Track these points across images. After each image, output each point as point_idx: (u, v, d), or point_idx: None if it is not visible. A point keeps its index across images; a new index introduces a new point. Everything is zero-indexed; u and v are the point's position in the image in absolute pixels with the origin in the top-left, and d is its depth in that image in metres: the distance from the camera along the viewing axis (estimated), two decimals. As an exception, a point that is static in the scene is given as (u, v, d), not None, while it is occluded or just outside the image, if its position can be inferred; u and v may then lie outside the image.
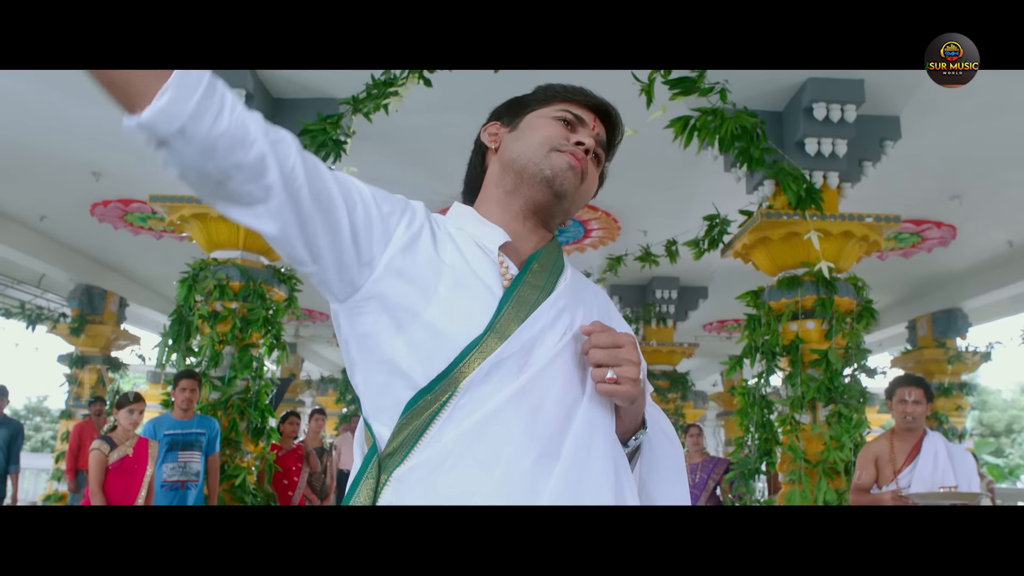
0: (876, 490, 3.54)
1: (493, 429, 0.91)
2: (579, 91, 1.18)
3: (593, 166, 1.16)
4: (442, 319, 0.95)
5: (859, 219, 5.44)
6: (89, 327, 10.42)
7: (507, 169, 1.13)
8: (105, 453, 4.00)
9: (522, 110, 1.18)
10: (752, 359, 5.72)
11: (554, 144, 1.10)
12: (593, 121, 1.16)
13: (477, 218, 1.12)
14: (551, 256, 1.11)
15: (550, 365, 0.97)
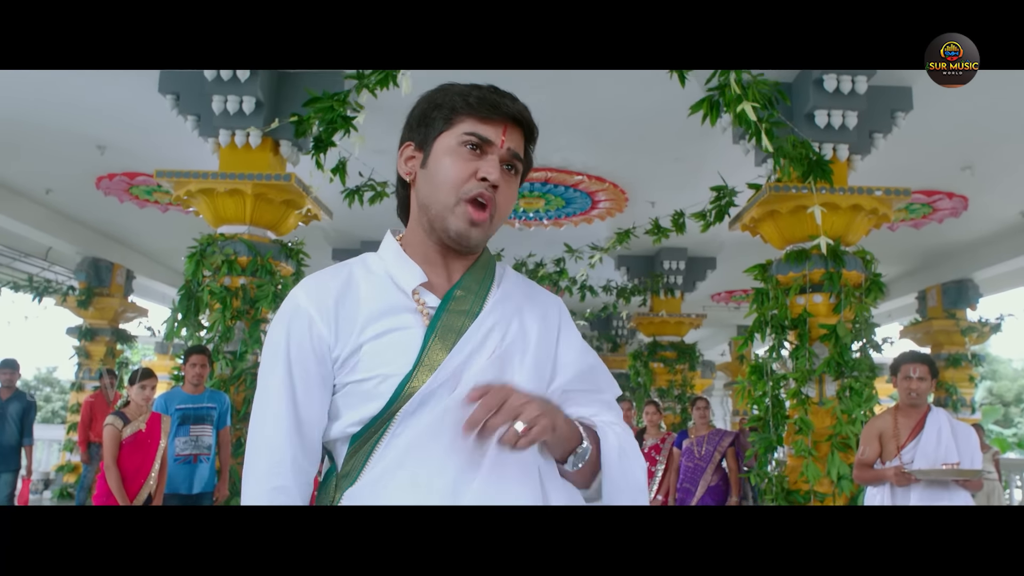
0: (880, 465, 3.61)
1: (420, 450, 1.05)
2: (482, 104, 1.14)
3: (509, 178, 1.17)
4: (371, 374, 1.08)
5: (868, 192, 5.44)
6: (97, 299, 10.54)
7: (422, 211, 1.18)
8: (119, 428, 4.11)
9: (430, 132, 1.17)
10: (762, 334, 5.76)
11: (459, 192, 1.12)
12: (502, 134, 1.14)
13: (397, 255, 1.19)
14: (476, 278, 1.18)
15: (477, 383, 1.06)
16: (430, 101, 1.19)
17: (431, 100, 1.19)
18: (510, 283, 1.23)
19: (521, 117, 1.16)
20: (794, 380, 5.52)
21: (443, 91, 1.19)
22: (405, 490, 1.03)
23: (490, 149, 1.14)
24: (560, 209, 8.95)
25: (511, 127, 1.16)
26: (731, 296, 13.97)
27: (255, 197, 5.64)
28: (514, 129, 1.16)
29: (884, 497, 3.56)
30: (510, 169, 1.17)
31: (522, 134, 1.18)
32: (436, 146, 1.16)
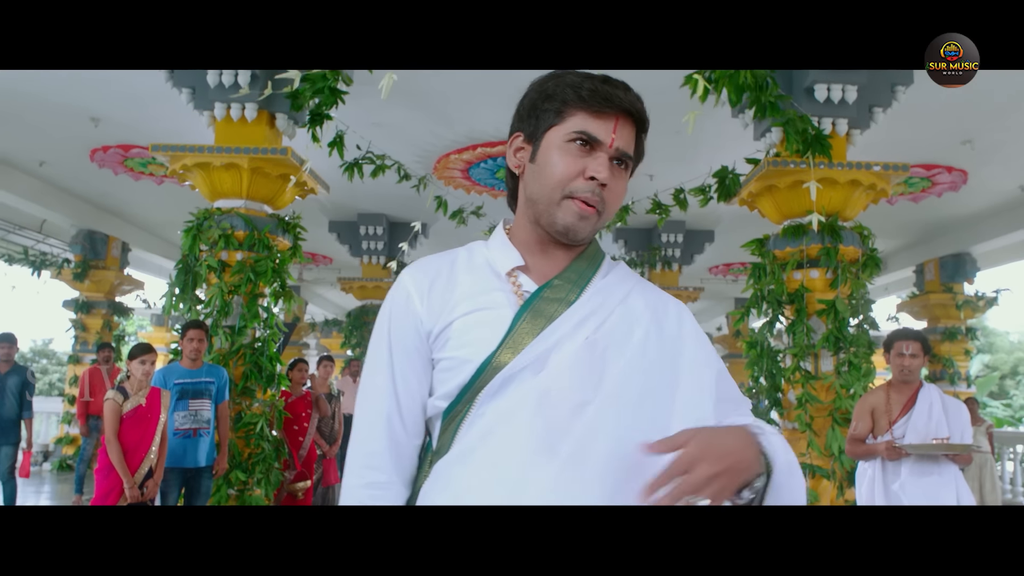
0: (872, 440, 3.69)
1: (500, 429, 1.07)
2: (594, 97, 1.12)
3: (618, 173, 1.16)
4: (458, 350, 1.12)
5: (866, 167, 5.46)
6: (93, 272, 10.56)
7: (529, 204, 1.19)
8: (119, 403, 4.16)
9: (539, 125, 1.17)
10: (759, 309, 5.82)
11: (566, 189, 1.12)
12: (612, 131, 1.13)
13: (501, 242, 1.22)
14: (579, 268, 1.19)
15: (563, 372, 1.08)
16: (541, 91, 1.18)
17: (542, 90, 1.18)
18: (617, 277, 1.22)
19: (633, 109, 1.14)
20: (792, 356, 5.59)
21: (555, 81, 1.17)
22: (482, 468, 1.07)
23: (599, 147, 1.13)
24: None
25: (622, 121, 1.14)
26: (729, 269, 14.02)
27: (251, 171, 5.64)
28: (626, 122, 1.14)
29: (875, 471, 3.64)
30: (620, 164, 1.16)
31: (634, 127, 1.16)
32: (545, 140, 1.16)
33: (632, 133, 1.16)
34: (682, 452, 0.92)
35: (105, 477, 4.13)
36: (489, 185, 9.01)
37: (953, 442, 3.45)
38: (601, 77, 1.15)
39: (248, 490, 5.47)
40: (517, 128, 1.22)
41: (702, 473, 0.90)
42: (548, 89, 1.16)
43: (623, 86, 1.15)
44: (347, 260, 12.22)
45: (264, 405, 5.72)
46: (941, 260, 10.66)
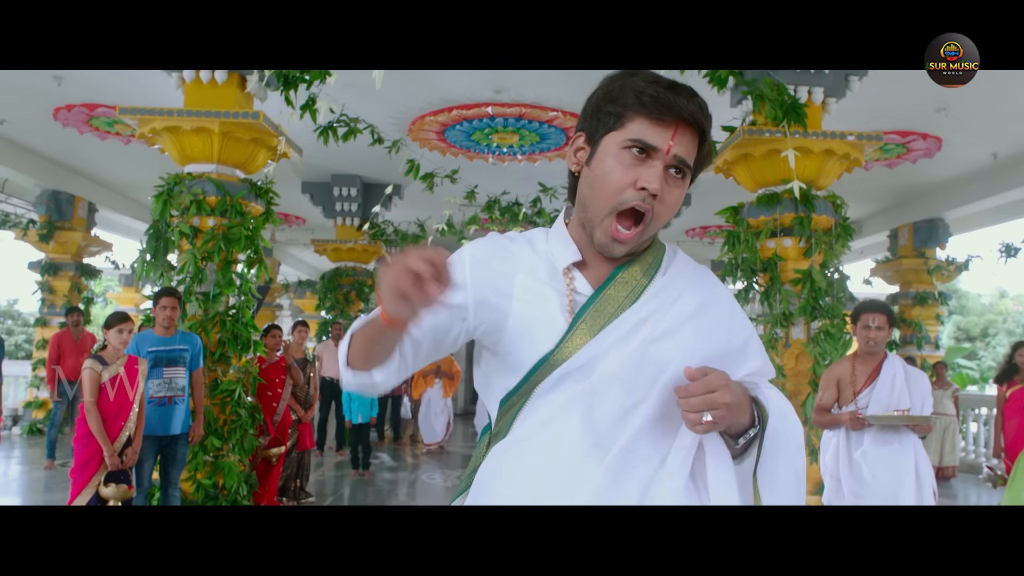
0: (837, 410, 3.84)
1: (556, 423, 1.16)
2: (655, 103, 1.13)
3: (674, 182, 1.16)
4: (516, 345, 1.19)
5: (841, 137, 5.56)
6: (59, 234, 10.44)
7: (581, 207, 1.23)
8: (98, 372, 4.20)
9: (599, 128, 1.18)
10: (733, 276, 5.94)
11: (616, 201, 1.15)
12: (670, 139, 1.13)
13: (561, 236, 1.26)
14: (643, 268, 1.22)
15: (618, 372, 1.15)
16: (606, 93, 1.19)
17: (607, 92, 1.19)
18: (675, 271, 1.26)
19: (694, 119, 1.14)
20: (764, 324, 5.73)
21: (620, 82, 1.17)
22: (535, 459, 1.15)
23: (656, 155, 1.14)
24: (534, 144, 8.96)
25: (682, 129, 1.14)
26: (706, 232, 14.15)
27: (222, 136, 5.61)
28: (685, 131, 1.15)
29: (839, 440, 3.80)
30: (677, 173, 1.17)
31: (695, 134, 1.16)
32: (603, 145, 1.17)
33: (693, 141, 1.17)
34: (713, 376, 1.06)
35: (84, 446, 4.18)
36: (464, 147, 8.99)
37: (914, 413, 3.61)
38: (667, 82, 1.15)
39: (223, 456, 5.55)
40: (581, 127, 1.23)
41: (720, 398, 1.05)
42: (613, 91, 1.18)
43: (687, 92, 1.16)
44: (321, 221, 12.17)
45: (239, 372, 5.77)
46: (915, 225, 10.87)
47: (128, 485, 4.27)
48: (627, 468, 1.12)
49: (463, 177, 8.47)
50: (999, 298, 30.28)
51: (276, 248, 15.30)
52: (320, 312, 12.31)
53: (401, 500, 7.19)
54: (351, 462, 8.46)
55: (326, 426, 9.96)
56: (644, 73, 1.17)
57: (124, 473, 4.27)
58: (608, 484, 1.11)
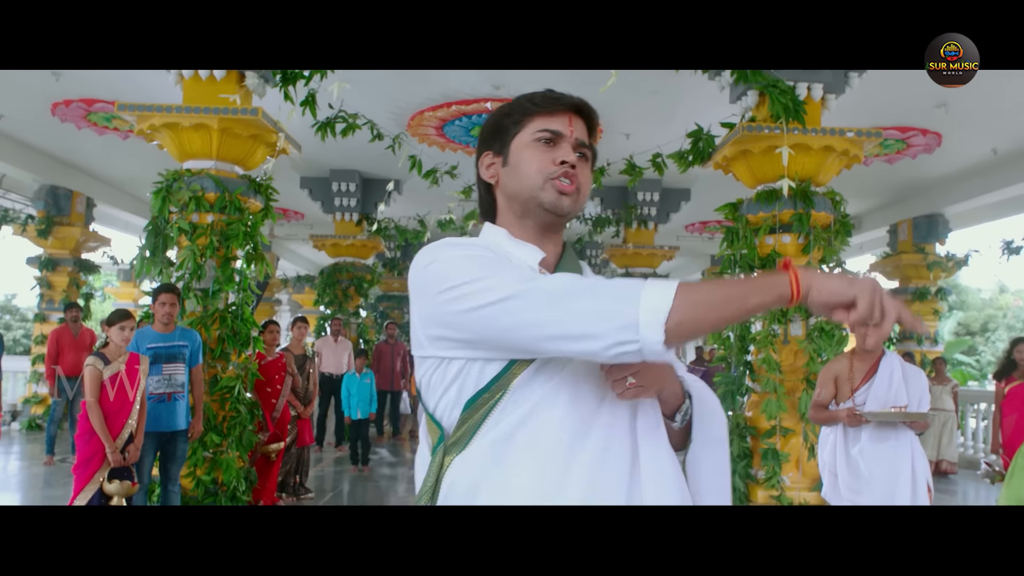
0: (835, 407, 3.86)
1: (536, 417, 1.14)
2: (547, 100, 1.29)
3: (583, 165, 1.29)
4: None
5: (840, 134, 5.57)
6: (57, 229, 10.45)
7: (512, 200, 1.31)
8: (100, 369, 4.23)
9: (505, 137, 1.30)
10: (732, 273, 5.96)
11: (545, 175, 1.25)
12: (569, 125, 1.28)
13: (510, 239, 1.30)
14: (572, 263, 1.33)
15: (585, 362, 1.16)
16: (500, 112, 1.33)
17: (500, 111, 1.33)
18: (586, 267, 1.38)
19: (582, 106, 1.30)
20: (761, 321, 5.76)
21: (509, 103, 1.32)
22: (520, 454, 1.12)
23: (561, 140, 1.27)
24: (533, 139, 8.98)
25: (575, 118, 1.29)
26: (705, 227, 14.17)
27: (221, 132, 5.62)
28: (578, 119, 1.30)
29: (837, 436, 3.83)
30: (581, 156, 1.29)
31: (585, 125, 1.31)
32: (513, 146, 1.29)
33: (584, 128, 1.31)
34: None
35: (87, 443, 4.22)
36: (463, 143, 9.00)
37: (911, 410, 3.64)
38: (547, 89, 1.31)
39: (222, 453, 5.58)
40: (484, 149, 1.34)
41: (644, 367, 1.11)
42: (505, 109, 1.32)
43: (569, 94, 1.30)
44: (319, 216, 12.19)
45: (239, 368, 5.80)
46: (915, 221, 10.89)
47: (132, 481, 4.31)
48: (613, 442, 1.15)
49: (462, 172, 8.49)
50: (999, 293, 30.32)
51: (275, 243, 15.32)
52: (319, 307, 12.33)
53: (400, 495, 7.22)
54: (350, 458, 8.49)
55: (325, 422, 9.99)
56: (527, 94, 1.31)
57: (127, 470, 4.30)
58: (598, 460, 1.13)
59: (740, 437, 5.72)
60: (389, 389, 10.91)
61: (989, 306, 29.39)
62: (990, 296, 30.22)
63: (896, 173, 9.62)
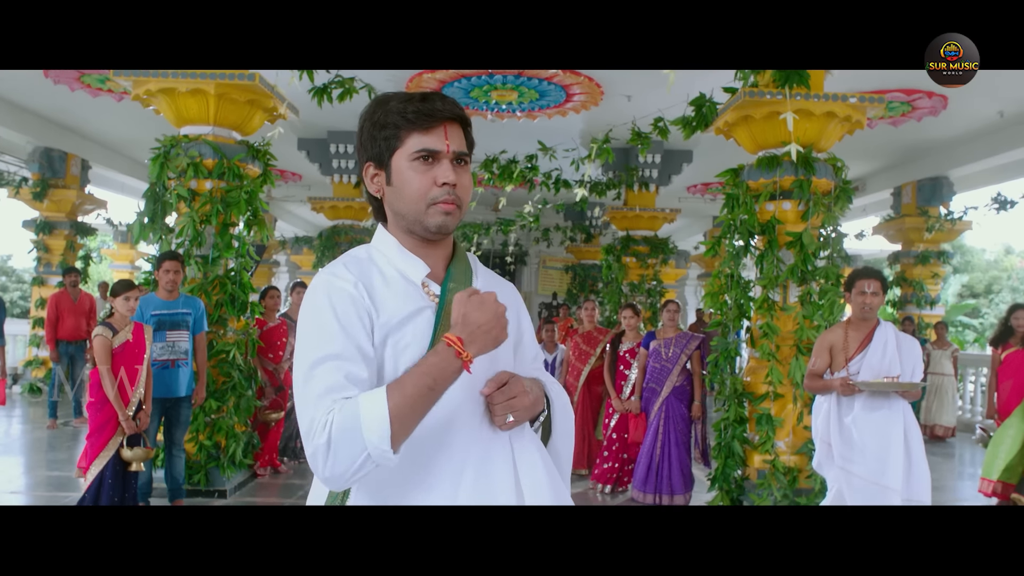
0: (829, 375, 3.97)
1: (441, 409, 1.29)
2: (420, 116, 1.32)
3: (462, 170, 1.37)
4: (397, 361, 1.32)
5: (842, 99, 5.58)
6: (52, 192, 10.47)
7: (398, 216, 1.40)
8: (109, 338, 4.35)
9: (384, 153, 1.36)
10: (730, 239, 6.02)
11: (427, 199, 1.34)
12: (445, 139, 1.34)
13: (399, 249, 1.41)
14: (462, 268, 1.43)
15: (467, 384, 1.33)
16: (372, 121, 1.37)
17: (373, 120, 1.37)
18: (484, 275, 1.49)
19: (455, 115, 1.36)
20: (760, 286, 5.83)
21: (382, 110, 1.36)
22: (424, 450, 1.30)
23: (439, 156, 1.34)
24: (534, 101, 8.96)
25: (450, 127, 1.35)
26: (707, 188, 14.17)
27: (218, 97, 5.65)
28: (453, 128, 1.36)
29: (830, 405, 3.94)
30: (460, 162, 1.37)
31: (460, 128, 1.38)
32: (394, 164, 1.36)
33: (460, 132, 1.38)
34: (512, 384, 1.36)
35: (98, 411, 4.36)
36: (463, 104, 9.00)
37: (904, 380, 3.74)
38: (420, 95, 1.35)
39: (222, 418, 5.72)
40: (365, 158, 1.41)
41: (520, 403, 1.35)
42: (378, 118, 1.36)
43: (438, 97, 1.36)
44: (317, 177, 12.19)
45: (237, 334, 5.90)
46: (919, 183, 10.90)
47: (148, 446, 4.50)
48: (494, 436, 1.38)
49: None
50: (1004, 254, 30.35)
51: (272, 204, 15.34)
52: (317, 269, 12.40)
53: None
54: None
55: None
56: (395, 95, 1.37)
57: (139, 436, 4.47)
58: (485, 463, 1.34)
59: (738, 403, 5.84)
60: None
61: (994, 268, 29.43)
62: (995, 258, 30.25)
63: (901, 135, 9.62)
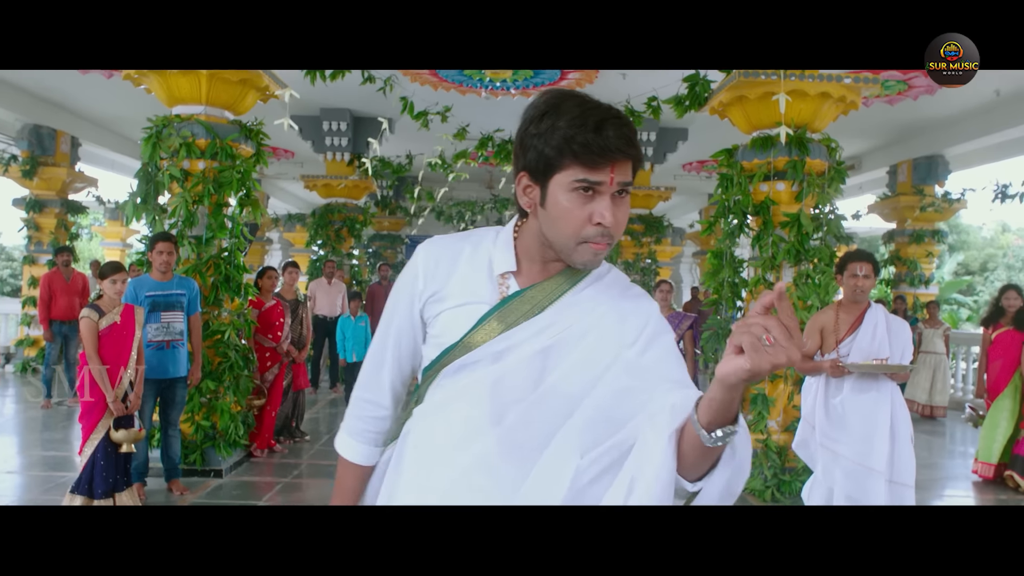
0: (820, 357, 4.04)
1: (455, 403, 1.37)
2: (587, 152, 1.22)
3: (621, 202, 1.28)
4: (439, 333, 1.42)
5: (837, 80, 5.61)
6: (42, 169, 10.44)
7: (544, 236, 1.34)
8: (95, 320, 4.37)
9: (543, 170, 1.28)
10: (725, 220, 6.08)
11: (580, 237, 1.27)
12: (610, 173, 1.23)
13: (504, 244, 1.42)
14: (560, 281, 1.37)
15: (514, 369, 1.34)
16: (538, 130, 1.27)
17: (539, 128, 1.27)
18: (594, 292, 1.38)
19: (624, 155, 1.24)
20: (754, 268, 5.90)
21: (549, 121, 1.25)
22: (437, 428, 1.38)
23: (601, 188, 1.25)
24: (528, 79, 8.96)
25: (618, 165, 1.24)
26: (703, 166, 14.19)
27: (210, 76, 5.64)
28: (620, 163, 1.24)
29: (819, 386, 4.02)
30: (621, 193, 1.27)
31: (628, 160, 1.26)
32: (551, 186, 1.28)
33: (628, 165, 1.26)
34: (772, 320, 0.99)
35: (87, 393, 4.39)
36: (457, 82, 8.98)
37: (892, 362, 3.82)
38: (593, 123, 1.22)
39: (218, 398, 5.79)
40: (521, 167, 1.34)
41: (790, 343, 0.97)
42: (544, 130, 1.26)
43: (614, 125, 1.23)
44: (310, 154, 12.17)
45: (232, 314, 5.95)
46: (915, 162, 10.96)
47: (138, 428, 4.53)
48: (517, 443, 1.31)
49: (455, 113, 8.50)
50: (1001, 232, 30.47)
51: (265, 182, 15.31)
52: (311, 247, 12.41)
53: (396, 438, 7.47)
54: (345, 400, 8.74)
55: (319, 364, 10.21)
56: (568, 109, 1.24)
57: (130, 417, 4.49)
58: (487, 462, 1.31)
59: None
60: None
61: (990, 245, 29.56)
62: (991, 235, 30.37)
63: (897, 114, 9.65)
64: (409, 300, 1.45)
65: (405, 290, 1.46)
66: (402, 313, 1.47)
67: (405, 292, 1.46)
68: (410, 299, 1.45)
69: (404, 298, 1.46)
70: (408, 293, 1.45)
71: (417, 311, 1.45)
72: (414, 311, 1.45)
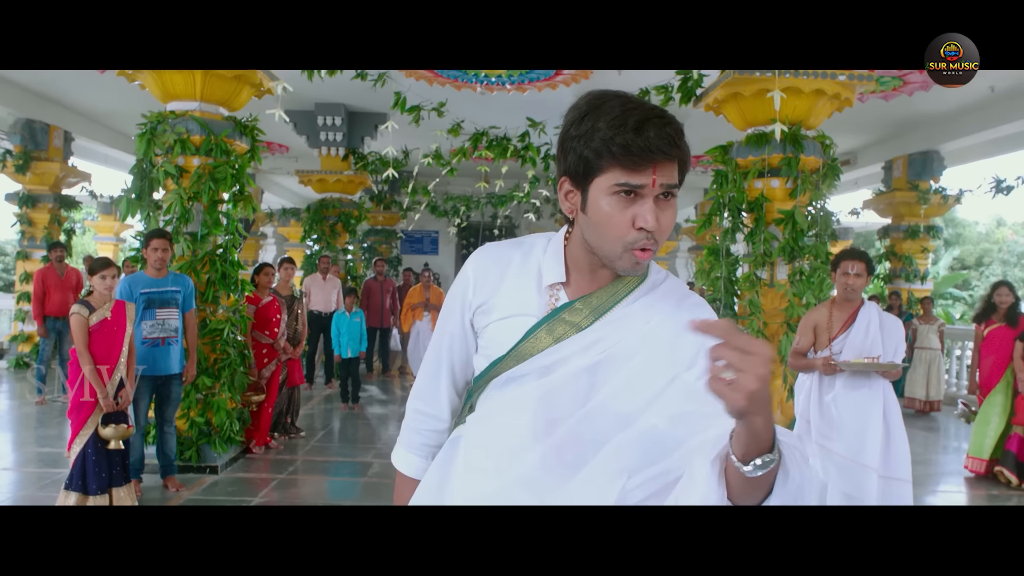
0: (813, 354, 4.09)
1: (501, 416, 1.38)
2: (627, 154, 1.17)
3: (666, 205, 1.22)
4: (488, 344, 1.43)
5: (832, 76, 5.65)
6: (36, 164, 10.43)
7: (587, 242, 1.31)
8: (85, 317, 4.38)
9: (584, 173, 1.23)
10: (720, 216, 6.12)
11: (623, 244, 1.23)
12: (652, 175, 1.18)
13: (554, 253, 1.39)
14: (609, 293, 1.33)
15: (563, 383, 1.32)
16: (579, 131, 1.23)
17: (580, 129, 1.23)
18: (647, 302, 1.33)
19: (667, 156, 1.18)
20: (747, 264, 5.94)
21: (590, 122, 1.21)
22: (485, 440, 1.38)
23: (644, 191, 1.19)
24: (523, 75, 8.96)
25: (660, 166, 1.18)
26: (698, 161, 14.20)
27: (204, 72, 5.65)
28: (663, 164, 1.19)
29: (812, 383, 4.06)
30: (666, 196, 1.22)
31: (677, 163, 1.21)
32: (592, 190, 1.24)
33: (673, 165, 1.21)
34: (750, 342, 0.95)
35: (76, 389, 4.40)
36: (452, 77, 8.99)
37: (884, 359, 3.86)
38: (634, 122, 1.16)
39: (215, 395, 5.81)
40: (563, 172, 1.30)
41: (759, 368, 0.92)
42: (584, 132, 1.22)
43: (656, 125, 1.17)
44: (304, 149, 12.17)
45: (228, 311, 5.97)
46: (910, 157, 11.00)
47: (127, 425, 4.51)
48: (561, 457, 1.28)
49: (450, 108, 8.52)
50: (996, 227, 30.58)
51: (259, 176, 15.30)
52: (305, 242, 12.42)
53: (390, 433, 7.50)
54: (340, 396, 8.77)
55: (315, 359, 10.24)
56: (609, 110, 1.19)
57: (121, 413, 4.49)
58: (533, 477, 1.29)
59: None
60: (379, 326, 11.17)
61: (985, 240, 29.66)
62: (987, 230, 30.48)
63: (892, 109, 9.70)
64: (460, 310, 1.46)
65: (457, 300, 1.46)
66: (454, 322, 1.48)
67: (457, 302, 1.46)
68: (461, 309, 1.46)
69: (456, 308, 1.47)
70: (459, 303, 1.46)
71: (468, 321, 1.46)
72: (465, 321, 1.46)
